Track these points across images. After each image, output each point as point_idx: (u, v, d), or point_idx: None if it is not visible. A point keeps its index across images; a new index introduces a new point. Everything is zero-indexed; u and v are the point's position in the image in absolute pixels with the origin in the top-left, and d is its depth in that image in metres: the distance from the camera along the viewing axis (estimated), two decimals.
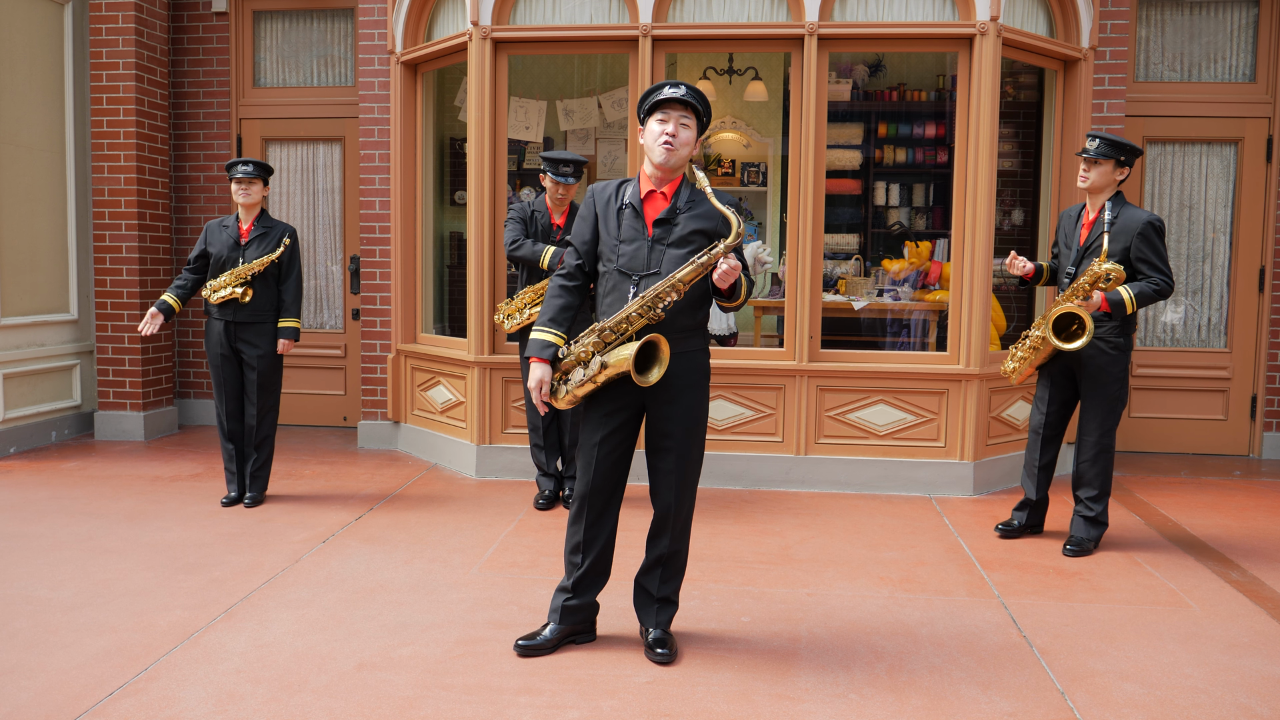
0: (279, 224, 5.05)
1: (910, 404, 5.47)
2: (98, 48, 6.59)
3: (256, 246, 4.94)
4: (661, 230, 3.11)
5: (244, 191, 4.90)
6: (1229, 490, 5.67)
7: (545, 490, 5.14)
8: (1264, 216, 6.44)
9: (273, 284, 5.00)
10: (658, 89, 3.10)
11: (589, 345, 3.10)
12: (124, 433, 6.73)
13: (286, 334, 5.01)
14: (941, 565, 4.25)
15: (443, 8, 6.04)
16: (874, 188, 7.24)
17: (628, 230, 3.13)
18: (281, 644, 3.32)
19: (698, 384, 3.16)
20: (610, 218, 3.17)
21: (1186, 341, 6.59)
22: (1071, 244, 4.43)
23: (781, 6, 5.44)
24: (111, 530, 4.59)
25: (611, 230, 3.16)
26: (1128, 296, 4.17)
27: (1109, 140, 4.25)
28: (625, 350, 3.00)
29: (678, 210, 3.11)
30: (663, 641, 3.24)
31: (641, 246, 3.11)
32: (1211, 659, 3.30)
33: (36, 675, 3.06)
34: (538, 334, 3.16)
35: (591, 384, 3.09)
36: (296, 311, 5.05)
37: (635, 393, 3.13)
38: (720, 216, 3.10)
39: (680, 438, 3.14)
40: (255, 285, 4.93)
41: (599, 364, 3.06)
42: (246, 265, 4.89)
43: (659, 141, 3.06)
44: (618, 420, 3.16)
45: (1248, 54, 6.46)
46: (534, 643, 3.25)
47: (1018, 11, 5.50)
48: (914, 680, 3.11)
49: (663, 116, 3.08)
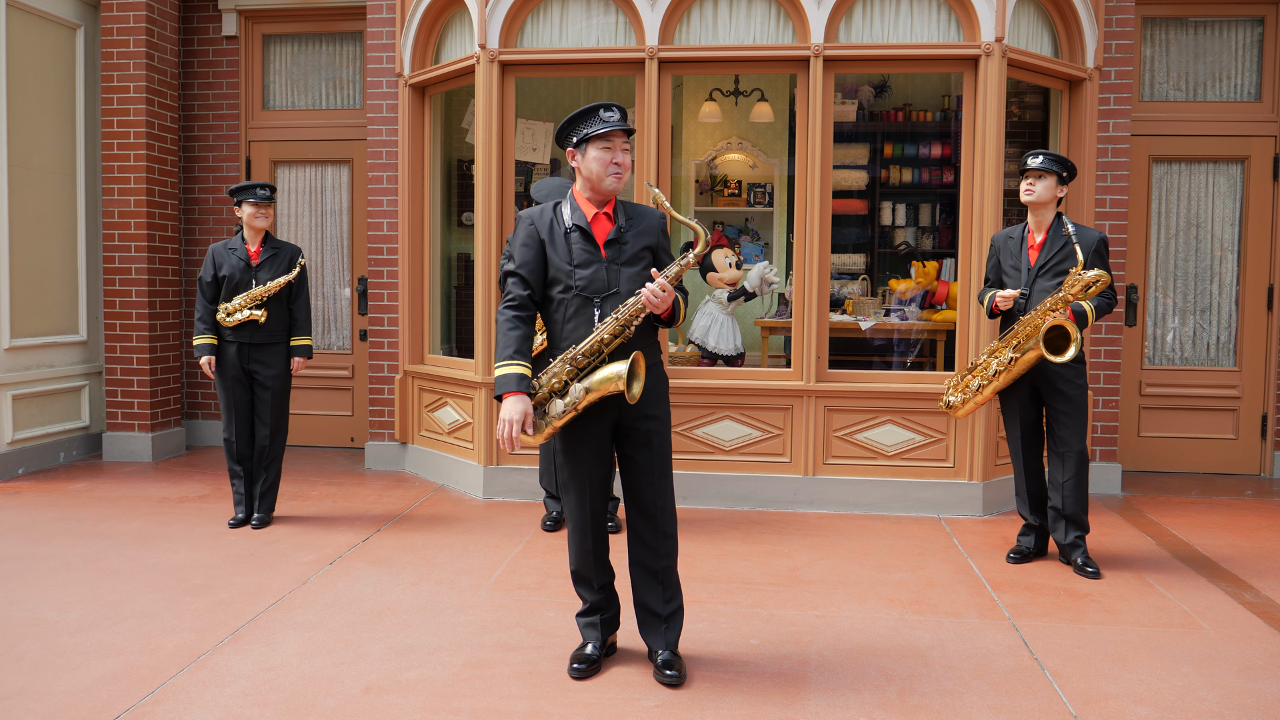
0: (286, 245, 5.09)
1: (918, 424, 5.45)
2: (109, 71, 6.64)
3: (269, 268, 4.98)
4: (613, 250, 3.15)
5: (263, 215, 4.95)
6: (1241, 510, 5.63)
7: (553, 512, 5.13)
8: (1271, 234, 6.43)
9: (284, 304, 5.05)
10: (591, 115, 3.09)
11: (561, 374, 3.09)
12: (132, 454, 6.73)
13: (300, 352, 5.08)
14: (952, 587, 4.23)
15: (450, 30, 6.09)
16: (880, 208, 7.25)
17: (580, 254, 3.14)
18: (289, 667, 3.31)
19: (665, 394, 3.26)
20: (558, 242, 3.15)
21: (1196, 360, 6.57)
22: (1020, 266, 4.41)
23: (787, 28, 5.47)
24: (119, 552, 4.59)
25: (562, 255, 3.14)
26: (1089, 308, 4.25)
27: (1053, 156, 4.32)
28: (609, 370, 3.03)
29: (623, 229, 3.17)
30: (671, 664, 3.23)
31: (599, 268, 3.13)
32: (1225, 682, 3.27)
33: (44, 698, 3.05)
34: (506, 369, 3.08)
35: (574, 411, 3.08)
36: (308, 330, 5.11)
37: (608, 416, 3.17)
38: (661, 229, 3.23)
39: (660, 448, 3.22)
40: (268, 307, 4.97)
41: (581, 390, 3.06)
42: (262, 287, 4.93)
43: (610, 172, 3.10)
44: (599, 445, 3.20)
45: (1253, 73, 6.47)
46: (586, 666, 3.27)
47: (1022, 32, 5.52)
48: (925, 704, 3.09)
49: (607, 145, 3.09)
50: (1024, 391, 4.46)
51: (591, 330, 3.10)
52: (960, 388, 4.50)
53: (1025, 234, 4.44)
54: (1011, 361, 4.28)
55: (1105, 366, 6.02)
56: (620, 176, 3.11)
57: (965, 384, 4.49)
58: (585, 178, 3.15)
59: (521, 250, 3.17)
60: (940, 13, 5.39)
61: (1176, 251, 6.55)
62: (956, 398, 4.51)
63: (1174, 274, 6.56)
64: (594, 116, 3.09)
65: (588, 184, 3.16)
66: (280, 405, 5.09)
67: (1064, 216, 4.34)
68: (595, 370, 3.07)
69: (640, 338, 3.15)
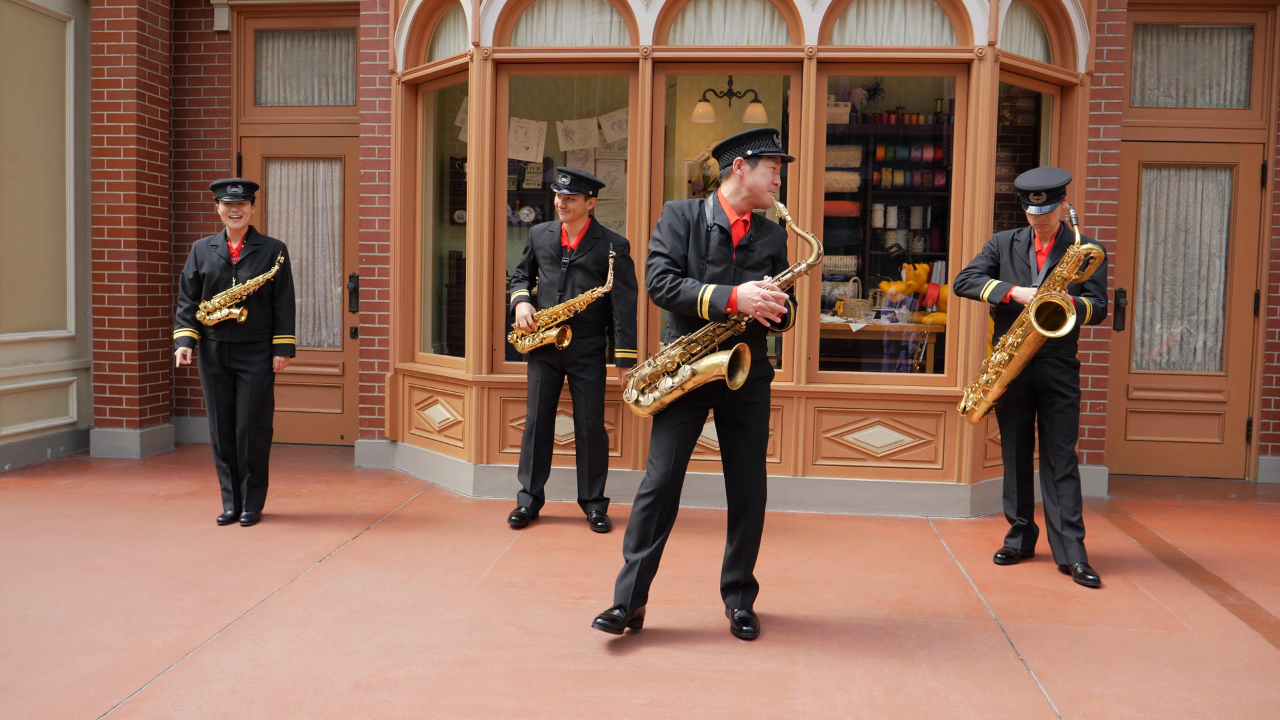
0: (269, 241, 5.00)
1: (908, 426, 5.47)
2: (99, 65, 6.62)
3: (249, 265, 4.90)
4: (742, 254, 3.51)
5: (234, 214, 4.86)
6: (1225, 514, 5.67)
7: (522, 507, 5.14)
8: (1259, 241, 6.47)
9: (266, 302, 4.97)
10: (766, 138, 3.44)
11: (675, 356, 3.46)
12: (120, 450, 6.71)
13: (282, 351, 5.00)
14: (939, 587, 4.25)
15: (444, 28, 6.08)
16: (872, 210, 7.27)
17: (715, 252, 3.49)
18: (277, 664, 3.30)
19: (767, 385, 3.62)
20: (700, 236, 3.51)
21: (1182, 365, 6.61)
22: (1028, 272, 4.41)
23: (781, 30, 5.48)
24: (106, 548, 4.57)
25: (700, 248, 3.50)
26: (1089, 304, 4.26)
27: (1052, 190, 4.26)
28: (714, 358, 3.34)
29: (753, 238, 3.53)
30: (748, 620, 3.62)
31: (728, 268, 3.49)
32: (1208, 683, 3.30)
33: (30, 695, 3.04)
34: (708, 291, 3.35)
35: (679, 390, 3.42)
36: (291, 328, 5.03)
37: (707, 399, 3.49)
38: (784, 242, 3.61)
39: (758, 432, 3.56)
40: (250, 304, 4.89)
41: (689, 371, 3.39)
42: (241, 285, 4.85)
43: (770, 187, 3.45)
44: (693, 423, 3.54)
45: (1242, 80, 6.51)
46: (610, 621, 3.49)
47: (1015, 37, 5.55)
48: (911, 703, 3.10)
49: (774, 165, 3.45)
50: (1021, 393, 4.48)
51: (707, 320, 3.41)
52: (974, 388, 4.50)
53: (1032, 238, 4.45)
54: (1015, 347, 4.25)
55: (1093, 370, 6.06)
56: (774, 193, 3.48)
57: (976, 383, 4.48)
58: (747, 186, 3.45)
59: (670, 236, 3.49)
60: (933, 16, 5.41)
61: (1165, 257, 6.59)
62: (970, 399, 4.50)
63: (1162, 279, 6.60)
64: (769, 140, 3.45)
65: (743, 192, 3.47)
66: (261, 403, 4.99)
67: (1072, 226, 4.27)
68: (703, 357, 3.40)
69: (750, 334, 3.46)
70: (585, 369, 5.05)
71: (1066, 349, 4.39)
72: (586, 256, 5.00)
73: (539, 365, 5.10)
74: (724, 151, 3.50)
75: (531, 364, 5.14)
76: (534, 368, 5.13)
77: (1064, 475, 4.39)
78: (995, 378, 4.36)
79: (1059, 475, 4.40)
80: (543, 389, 5.10)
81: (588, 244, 5.01)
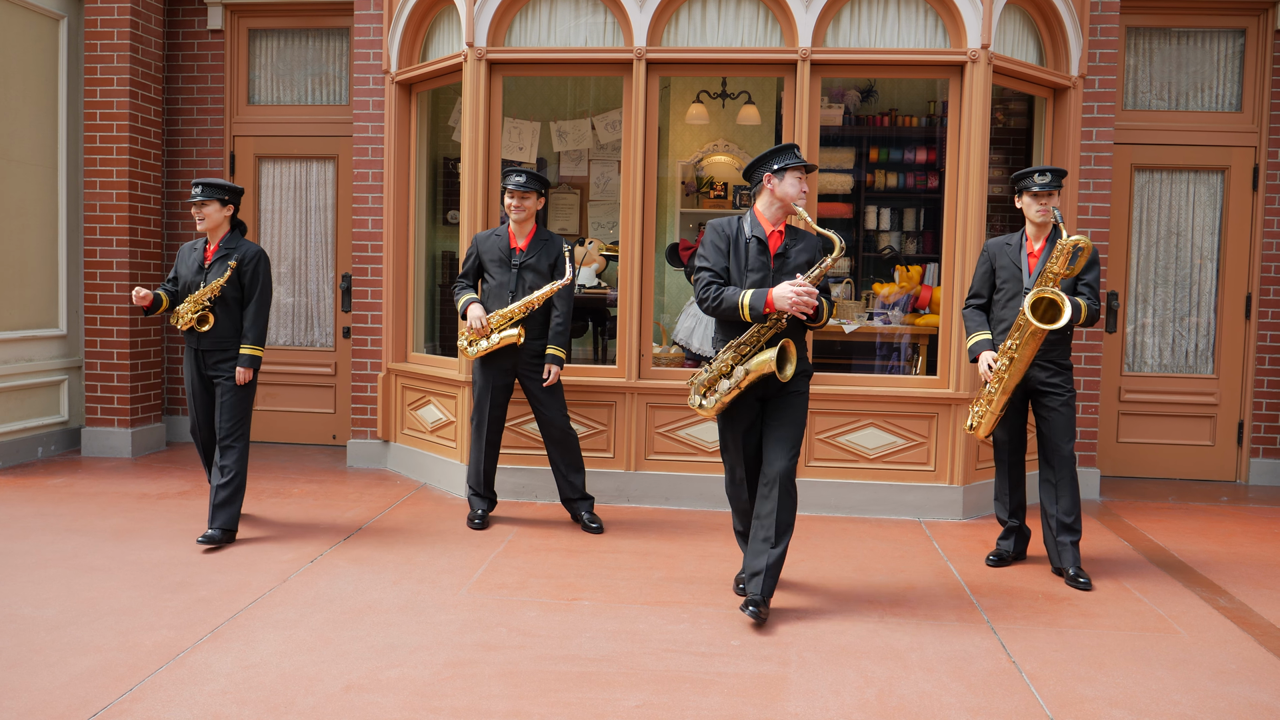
0: (244, 245, 4.72)
1: (900, 427, 5.48)
2: (92, 63, 6.59)
3: (216, 270, 4.66)
4: (779, 261, 3.87)
5: (197, 216, 4.65)
6: (1216, 516, 5.69)
7: (478, 511, 5.13)
8: (1250, 244, 6.50)
9: (235, 309, 4.72)
10: (787, 152, 3.84)
11: (728, 360, 3.83)
12: (111, 449, 6.69)
13: (243, 362, 4.68)
14: (931, 589, 4.25)
15: (438, 28, 6.08)
16: (865, 212, 7.28)
17: (754, 261, 3.86)
18: (268, 665, 3.30)
19: (808, 379, 3.94)
20: (740, 249, 3.90)
21: (1174, 367, 6.63)
22: (1019, 275, 4.41)
23: (775, 31, 5.49)
24: (97, 548, 4.55)
25: (740, 260, 3.89)
26: (1082, 304, 4.25)
27: (1056, 170, 4.34)
28: (764, 355, 3.72)
29: (789, 245, 3.89)
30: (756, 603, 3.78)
31: (766, 275, 3.85)
32: (1200, 686, 3.31)
33: (19, 695, 3.03)
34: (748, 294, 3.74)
35: (737, 389, 3.78)
36: (256, 337, 4.72)
37: (758, 390, 3.86)
38: (818, 247, 3.90)
39: (797, 418, 3.87)
40: (218, 311, 4.67)
41: (743, 371, 3.76)
42: (201, 291, 4.64)
43: (798, 193, 3.82)
44: (752, 417, 3.91)
45: (1234, 83, 6.54)
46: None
47: (1008, 40, 5.56)
48: (904, 706, 3.11)
49: (799, 174, 3.83)
50: (1015, 396, 4.47)
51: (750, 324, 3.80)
52: (975, 400, 4.47)
53: (1023, 241, 4.46)
54: (1015, 349, 4.23)
55: (1085, 372, 6.07)
56: (804, 200, 3.86)
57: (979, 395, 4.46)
58: (779, 197, 3.83)
59: (713, 251, 3.90)
60: (927, 19, 5.42)
61: (1157, 259, 6.61)
62: (975, 414, 4.47)
63: (1154, 282, 6.62)
64: (791, 154, 3.84)
65: (776, 204, 3.85)
66: (234, 413, 4.71)
67: (1060, 225, 4.26)
68: (753, 356, 3.77)
69: (791, 330, 3.82)
70: (539, 369, 5.03)
71: (1059, 351, 4.39)
72: (536, 257, 4.99)
73: (490, 371, 5.01)
74: (753, 171, 3.90)
75: (481, 370, 5.03)
76: (483, 374, 5.03)
77: (1061, 477, 4.39)
78: (999, 385, 4.33)
79: (1056, 477, 4.40)
80: (494, 395, 5.04)
81: (537, 245, 5.01)
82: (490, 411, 5.05)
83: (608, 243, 6.85)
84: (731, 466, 4.01)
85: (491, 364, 5.01)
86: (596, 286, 6.57)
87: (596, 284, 6.47)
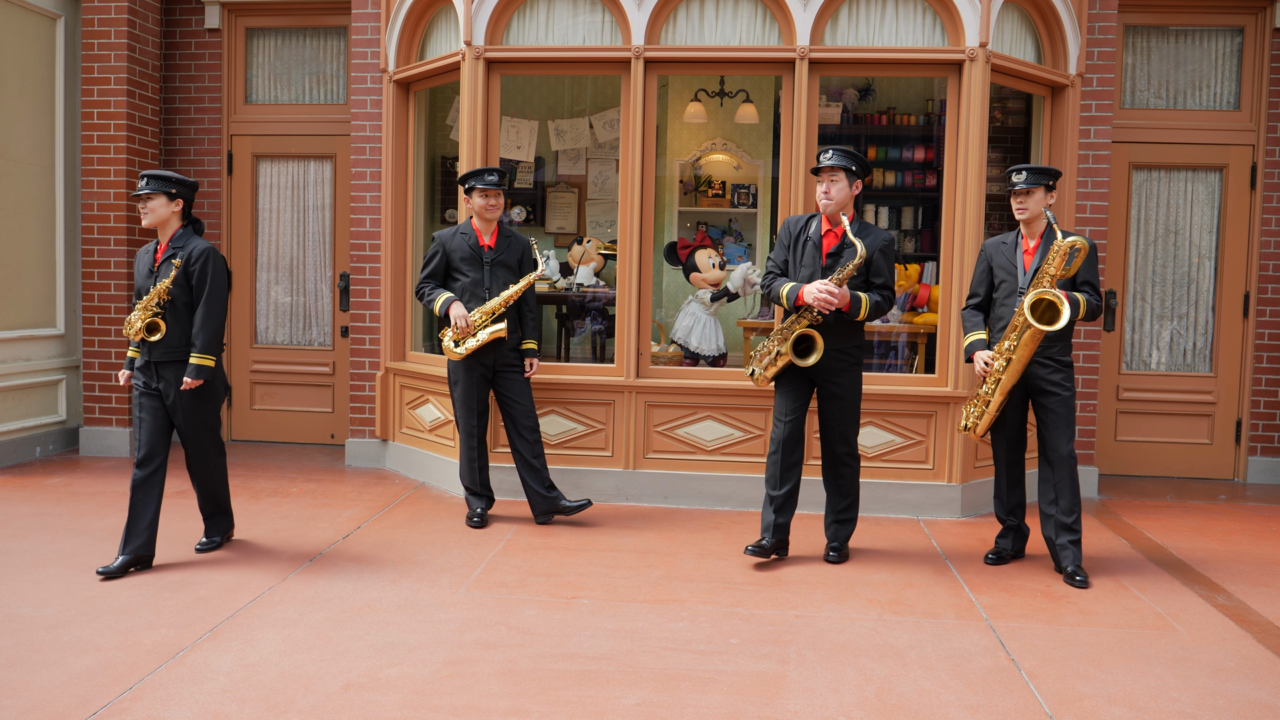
0: (192, 241, 4.31)
1: (898, 426, 5.48)
2: (89, 62, 6.59)
3: (165, 272, 4.26)
4: (831, 261, 4.34)
5: (141, 210, 4.29)
6: (1214, 514, 5.70)
7: (477, 509, 5.13)
8: (1248, 242, 6.50)
9: (185, 314, 4.29)
10: (818, 159, 4.32)
11: (775, 339, 4.41)
12: (109, 449, 6.68)
13: (191, 373, 4.21)
14: (930, 587, 4.26)
15: (436, 27, 6.07)
16: (863, 210, 7.28)
17: (807, 258, 4.38)
18: (268, 663, 3.29)
19: (850, 368, 4.45)
20: (799, 246, 4.43)
21: (1172, 366, 6.64)
22: (1015, 273, 4.41)
23: (773, 30, 5.49)
24: (96, 547, 4.55)
25: (797, 256, 4.43)
26: (1082, 299, 4.26)
27: (1035, 169, 4.35)
28: (788, 344, 4.34)
29: (843, 246, 4.32)
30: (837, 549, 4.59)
31: (815, 272, 4.35)
32: (1199, 683, 3.31)
33: (19, 694, 3.03)
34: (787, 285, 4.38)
35: (775, 366, 4.40)
36: (206, 345, 4.25)
37: (808, 372, 4.41)
38: (876, 248, 4.33)
39: (849, 400, 4.46)
40: (168, 318, 4.24)
41: (777, 351, 4.38)
42: (149, 295, 4.23)
43: (822, 196, 4.30)
44: (800, 390, 4.47)
45: (1232, 82, 6.55)
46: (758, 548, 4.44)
47: (1006, 38, 5.56)
48: (903, 704, 3.11)
49: (820, 178, 4.31)
50: (1015, 394, 4.47)
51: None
52: (975, 401, 4.47)
53: (1019, 239, 4.46)
54: (1013, 350, 4.23)
55: (1084, 371, 6.08)
56: (825, 200, 4.30)
57: (975, 395, 4.46)
58: (816, 200, 4.34)
59: (779, 246, 4.53)
60: (925, 17, 5.42)
61: (1155, 258, 6.62)
62: (970, 415, 4.48)
63: (1152, 280, 6.63)
64: (820, 155, 4.33)
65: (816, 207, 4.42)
66: (197, 431, 4.35)
67: (1054, 225, 4.28)
68: (787, 340, 4.36)
69: (825, 324, 4.31)
70: (515, 365, 5.08)
71: (1059, 348, 4.38)
72: (505, 254, 5.07)
73: (474, 368, 5.01)
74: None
75: (465, 370, 5.01)
76: (467, 372, 5.01)
77: (1060, 477, 4.38)
78: (995, 386, 4.33)
79: (1056, 477, 4.39)
80: (478, 392, 5.06)
81: (503, 242, 5.09)
82: (478, 408, 5.08)
83: (606, 241, 6.84)
84: (776, 434, 4.50)
85: (474, 362, 5.01)
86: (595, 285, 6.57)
87: (595, 283, 6.46)
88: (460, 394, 5.07)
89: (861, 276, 4.33)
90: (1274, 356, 6.50)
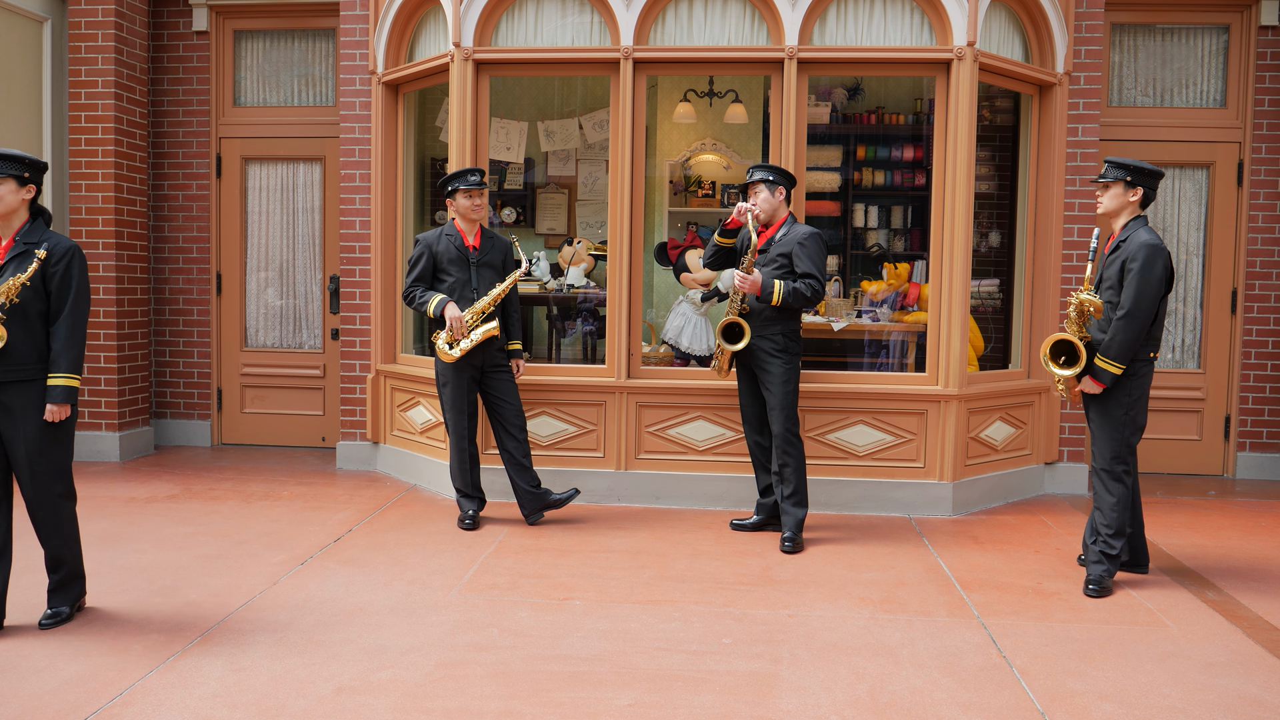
0: (51, 237, 3.55)
1: (890, 425, 5.49)
2: (76, 66, 6.56)
3: (14, 270, 3.48)
4: (761, 256, 4.83)
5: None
6: (1204, 510, 5.72)
7: (469, 511, 5.13)
8: (1235, 239, 6.53)
9: (37, 324, 3.51)
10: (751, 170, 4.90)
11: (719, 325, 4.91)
12: (99, 453, 6.65)
13: (55, 395, 3.48)
14: (922, 586, 4.27)
15: (425, 28, 6.06)
16: (853, 210, 7.29)
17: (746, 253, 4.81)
18: (259, 668, 3.28)
19: (776, 355, 4.80)
20: (744, 243, 4.90)
21: (1161, 362, 6.66)
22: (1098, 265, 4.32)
23: (761, 30, 5.49)
24: (86, 553, 4.51)
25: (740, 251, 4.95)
26: (1107, 365, 4.12)
27: (1114, 163, 4.23)
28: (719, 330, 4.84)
29: (770, 244, 4.83)
30: (792, 540, 4.77)
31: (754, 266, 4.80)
32: (1189, 679, 3.33)
33: (9, 701, 3.01)
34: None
35: (722, 356, 4.93)
36: (69, 363, 3.51)
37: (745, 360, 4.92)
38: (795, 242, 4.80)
39: (776, 389, 4.81)
40: (12, 326, 3.45)
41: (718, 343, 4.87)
42: None
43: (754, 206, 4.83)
44: (745, 379, 4.99)
45: (1218, 80, 6.58)
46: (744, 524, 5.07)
47: (994, 37, 5.58)
48: (895, 702, 3.11)
49: (751, 191, 4.91)
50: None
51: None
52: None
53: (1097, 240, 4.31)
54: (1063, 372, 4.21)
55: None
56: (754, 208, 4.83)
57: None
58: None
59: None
60: (913, 16, 5.44)
61: None
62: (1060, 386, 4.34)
63: None
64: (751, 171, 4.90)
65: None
66: (42, 465, 3.52)
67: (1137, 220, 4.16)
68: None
69: (758, 310, 4.81)
70: (503, 366, 5.11)
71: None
72: (490, 254, 5.11)
73: (464, 369, 5.00)
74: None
75: (455, 370, 5.00)
76: (456, 374, 5.00)
77: (1096, 490, 4.28)
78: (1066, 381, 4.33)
79: (1098, 489, 4.28)
80: (469, 393, 5.07)
81: (487, 243, 5.12)
82: (469, 410, 5.08)
83: (596, 242, 6.84)
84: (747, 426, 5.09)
85: (464, 364, 5.01)
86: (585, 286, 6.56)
87: (585, 284, 6.46)
88: (450, 396, 5.06)
89: (787, 269, 4.75)
90: (1262, 352, 6.53)
